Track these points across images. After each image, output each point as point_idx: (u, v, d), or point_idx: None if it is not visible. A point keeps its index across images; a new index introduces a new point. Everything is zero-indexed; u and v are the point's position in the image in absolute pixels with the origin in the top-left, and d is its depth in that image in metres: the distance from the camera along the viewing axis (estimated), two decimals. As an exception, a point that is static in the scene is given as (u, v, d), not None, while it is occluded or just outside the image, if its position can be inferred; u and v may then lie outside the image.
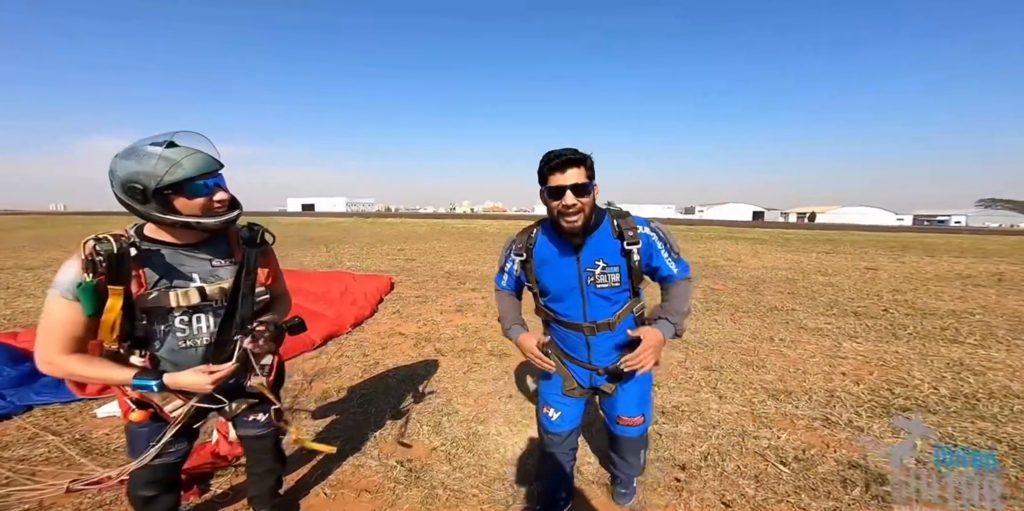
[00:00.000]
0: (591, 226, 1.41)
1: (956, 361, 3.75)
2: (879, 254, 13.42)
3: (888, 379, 3.34)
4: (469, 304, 5.70)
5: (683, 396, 3.02)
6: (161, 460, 1.33)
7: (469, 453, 2.33)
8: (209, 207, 1.17)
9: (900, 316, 5.36)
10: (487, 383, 3.26)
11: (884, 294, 6.80)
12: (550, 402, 1.68)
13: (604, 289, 1.45)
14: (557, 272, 1.48)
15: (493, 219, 41.52)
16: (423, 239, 15.99)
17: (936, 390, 3.12)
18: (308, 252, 11.42)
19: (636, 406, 1.63)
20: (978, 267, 10.47)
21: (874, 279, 8.37)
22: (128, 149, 1.10)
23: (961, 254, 13.91)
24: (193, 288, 1.21)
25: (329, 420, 2.69)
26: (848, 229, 34.45)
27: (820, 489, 2.01)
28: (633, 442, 1.71)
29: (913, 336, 4.51)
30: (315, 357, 3.71)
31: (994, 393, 3.07)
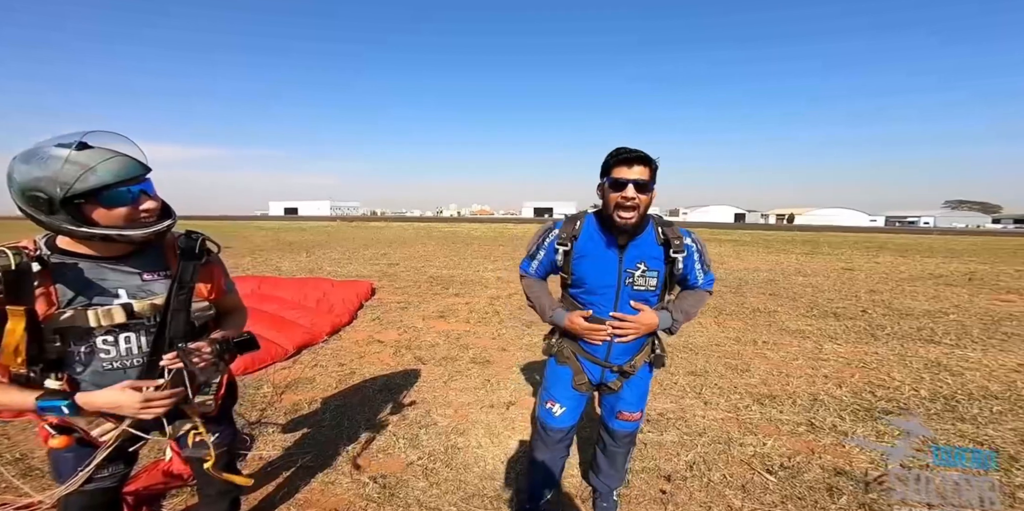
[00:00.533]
0: (638, 228, 1.44)
1: (934, 361, 3.80)
2: (855, 255, 13.77)
3: (870, 381, 3.36)
4: (452, 310, 5.58)
5: (668, 402, 2.96)
6: (95, 485, 1.19)
7: (447, 467, 2.23)
8: (134, 217, 1.03)
9: (878, 317, 5.45)
10: (468, 392, 3.15)
11: (861, 294, 6.93)
12: (556, 397, 1.69)
13: (640, 291, 1.49)
14: (597, 267, 1.49)
15: (480, 222, 41.39)
16: (408, 243, 15.78)
17: (916, 392, 3.14)
18: (287, 257, 11.12)
19: (637, 403, 1.70)
20: (949, 267, 10.82)
21: (851, 280, 8.55)
22: (29, 151, 0.95)
23: (932, 254, 14.38)
24: (117, 306, 1.07)
25: (299, 434, 2.55)
26: (825, 230, 35.43)
27: (807, 498, 1.97)
28: (626, 436, 1.77)
29: (891, 337, 4.58)
30: (287, 367, 3.55)
31: (973, 394, 3.10)
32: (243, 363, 3.34)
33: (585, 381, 1.65)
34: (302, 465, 2.23)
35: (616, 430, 1.75)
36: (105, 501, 1.29)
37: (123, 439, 1.19)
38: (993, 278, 8.93)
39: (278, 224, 34.22)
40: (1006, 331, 4.80)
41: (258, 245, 14.69)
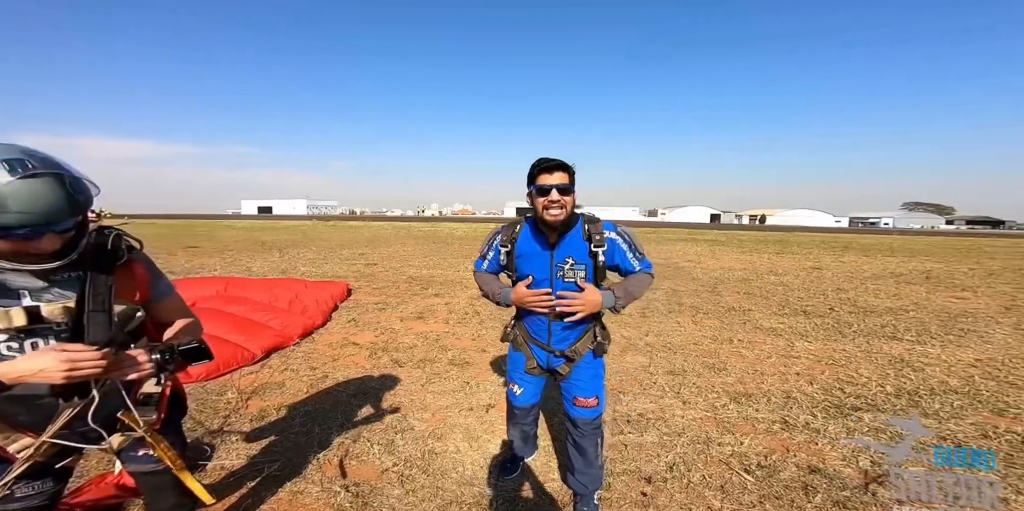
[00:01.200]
0: (567, 227, 1.63)
1: (897, 358, 3.95)
2: (822, 254, 14.32)
3: (839, 378, 3.45)
4: (431, 310, 5.47)
5: (648, 402, 2.97)
6: (21, 504, 1.08)
7: (424, 474, 2.16)
8: (23, 252, 0.94)
9: (844, 314, 5.65)
10: (446, 395, 3.08)
11: (829, 293, 7.18)
12: (515, 379, 1.95)
13: (570, 283, 1.66)
14: (534, 264, 1.70)
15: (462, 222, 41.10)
16: (387, 243, 15.49)
17: (883, 388, 3.25)
18: (259, 257, 10.73)
19: (590, 387, 1.82)
20: (908, 266, 11.37)
21: (819, 278, 8.86)
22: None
23: (892, 253, 15.10)
24: (18, 308, 0.97)
25: (266, 441, 2.43)
26: (794, 230, 36.81)
27: (784, 497, 1.99)
28: (588, 425, 1.84)
29: (858, 334, 4.74)
30: (255, 372, 3.39)
31: (934, 389, 3.23)
32: (205, 369, 3.17)
33: (535, 366, 1.87)
34: (269, 474, 2.12)
35: (576, 418, 1.86)
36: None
37: (50, 454, 1.08)
38: (948, 276, 9.43)
39: (250, 223, 33.09)
40: (962, 327, 5.05)
41: (228, 245, 14.13)
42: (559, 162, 1.57)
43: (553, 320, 1.74)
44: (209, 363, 1.22)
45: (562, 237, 1.66)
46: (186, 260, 10.03)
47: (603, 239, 1.62)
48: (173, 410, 1.34)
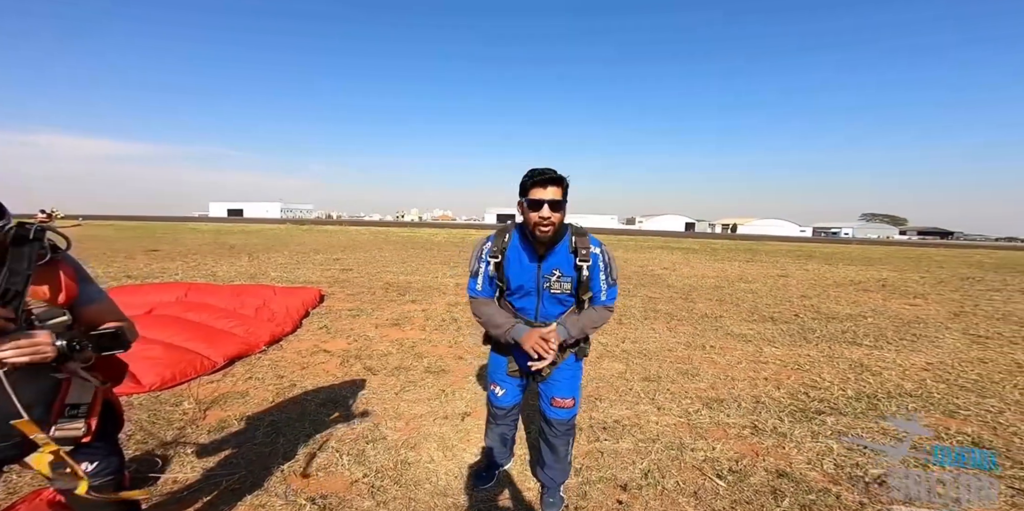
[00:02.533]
0: (555, 240, 1.65)
1: (857, 362, 4.13)
2: (788, 262, 14.94)
3: (804, 382, 3.58)
4: (408, 317, 5.37)
5: (624, 409, 2.99)
6: None
7: (396, 485, 2.10)
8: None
9: (808, 320, 5.88)
10: (421, 403, 3.01)
11: (795, 300, 7.48)
12: (496, 381, 1.98)
13: (557, 294, 1.70)
14: (521, 274, 1.71)
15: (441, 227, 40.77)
16: (363, 248, 15.17)
17: (844, 392, 3.39)
18: (225, 262, 10.30)
19: (567, 389, 1.88)
20: (866, 274, 11.99)
21: (786, 286, 9.22)
22: None
23: (851, 262, 15.90)
24: None
25: (225, 454, 2.30)
26: (763, 239, 38.28)
27: (754, 502, 2.03)
28: (562, 426, 1.91)
29: (821, 339, 4.94)
30: (216, 381, 3.23)
31: (891, 393, 3.39)
32: (159, 378, 3.00)
33: (516, 369, 1.89)
34: (227, 487, 2.02)
35: (552, 418, 1.91)
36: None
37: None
38: (902, 284, 10.00)
39: (217, 226, 31.77)
40: (915, 333, 5.34)
41: (192, 248, 13.50)
42: (554, 175, 1.54)
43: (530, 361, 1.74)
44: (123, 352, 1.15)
45: (550, 249, 1.67)
46: (145, 264, 9.52)
47: (588, 254, 1.64)
48: (106, 423, 1.24)
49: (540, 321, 1.75)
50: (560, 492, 2.01)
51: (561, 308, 1.75)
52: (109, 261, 9.84)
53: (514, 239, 1.72)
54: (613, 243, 23.99)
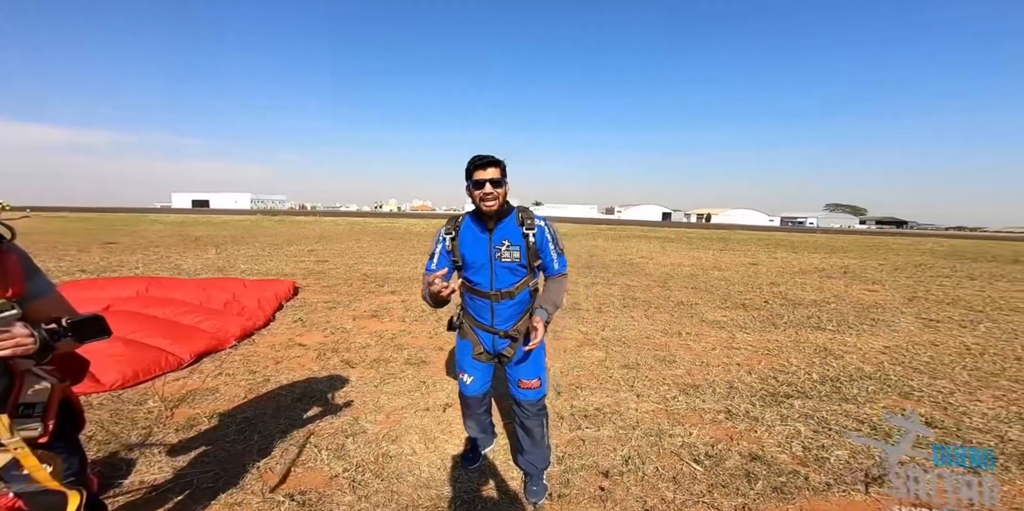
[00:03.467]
0: (502, 215, 1.84)
1: (821, 347, 4.33)
2: (758, 251, 15.48)
3: (773, 367, 3.73)
4: (386, 308, 5.28)
5: (604, 397, 3.04)
6: None
7: (377, 478, 2.08)
8: None
9: (777, 307, 6.13)
10: (402, 396, 2.98)
11: (764, 287, 7.77)
12: (464, 368, 2.06)
13: (508, 262, 1.83)
14: (474, 248, 1.86)
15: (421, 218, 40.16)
16: (340, 239, 14.78)
17: (809, 375, 3.55)
18: (190, 254, 9.83)
19: (532, 370, 1.96)
20: (829, 261, 12.57)
21: (756, 273, 9.56)
22: None
23: (816, 250, 16.63)
24: None
25: (196, 452, 2.22)
26: (735, 229, 39.50)
27: (729, 485, 2.10)
28: (532, 407, 1.99)
29: (788, 325, 5.16)
30: (183, 378, 3.09)
31: (852, 376, 3.58)
32: (121, 376, 2.84)
33: (483, 351, 1.99)
34: (200, 486, 1.96)
35: (521, 400, 1.99)
36: None
37: None
38: (862, 271, 10.54)
39: (181, 217, 30.23)
40: (873, 317, 5.64)
41: (153, 241, 12.81)
42: (491, 159, 1.75)
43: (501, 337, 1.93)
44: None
45: (498, 223, 1.85)
46: (101, 257, 8.96)
47: (534, 223, 1.84)
48: (65, 423, 1.16)
49: (495, 290, 1.86)
50: (543, 480, 2.05)
51: (514, 277, 1.87)
52: (60, 254, 9.21)
53: (467, 220, 1.93)
54: (593, 232, 24.27)
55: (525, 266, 1.86)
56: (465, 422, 2.26)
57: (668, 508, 1.94)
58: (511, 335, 1.91)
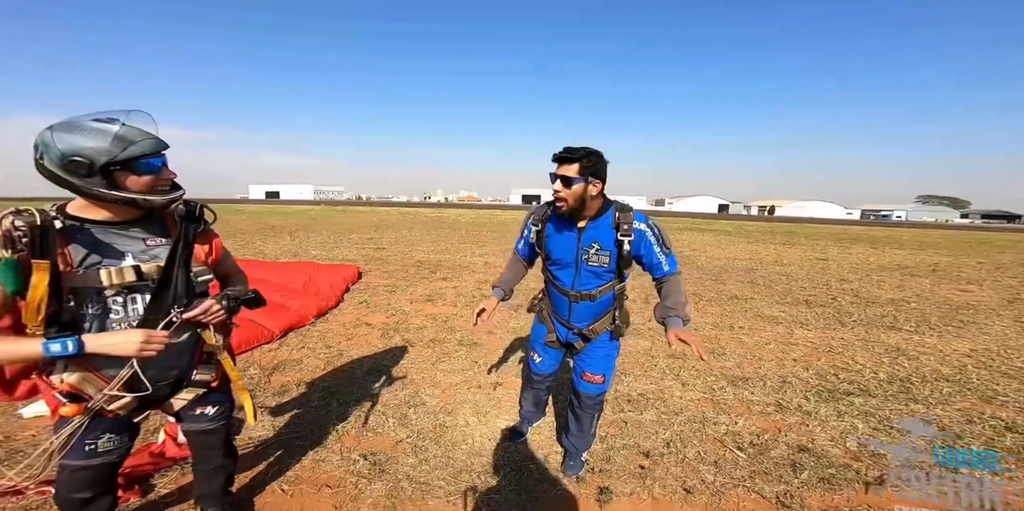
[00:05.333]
0: (596, 214, 1.70)
1: (894, 347, 4.04)
2: (830, 246, 14.26)
3: (834, 364, 3.56)
4: (440, 293, 5.61)
5: (648, 384, 3.10)
6: (100, 459, 1.24)
7: (436, 444, 2.31)
8: (155, 185, 1.14)
9: (846, 304, 5.72)
10: (455, 373, 3.22)
11: (832, 283, 7.23)
12: (535, 348, 2.12)
13: (594, 266, 1.74)
14: (560, 245, 1.78)
15: (468, 208, 41.08)
16: (394, 228, 15.60)
17: (876, 375, 3.36)
18: (270, 241, 10.89)
19: (599, 365, 1.94)
20: (915, 258, 11.33)
21: (824, 269, 8.88)
22: (68, 123, 1.04)
23: (901, 246, 14.99)
24: (128, 266, 1.13)
25: (288, 415, 2.58)
26: (803, 222, 36.44)
27: (772, 473, 2.12)
28: (590, 400, 2.00)
29: (857, 323, 4.83)
30: (274, 349, 3.55)
31: (926, 377, 3.33)
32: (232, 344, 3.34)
33: (554, 339, 2.01)
34: (292, 444, 2.26)
35: (581, 391, 2.00)
36: (109, 475, 1.33)
37: (131, 408, 1.24)
38: (955, 270, 9.41)
39: (259, 208, 33.21)
40: (962, 319, 5.11)
41: (239, 228, 14.29)
42: (564, 154, 1.61)
43: None
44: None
45: (590, 223, 1.71)
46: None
47: (631, 229, 1.66)
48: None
49: (576, 291, 1.81)
50: (582, 458, 2.15)
51: (598, 281, 1.79)
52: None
53: (555, 212, 1.79)
54: (643, 224, 23.40)
55: (613, 272, 1.76)
56: (522, 394, 2.35)
57: (707, 489, 2.00)
58: (584, 334, 1.89)
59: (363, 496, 1.89)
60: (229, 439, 1.60)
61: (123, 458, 1.33)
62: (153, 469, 1.97)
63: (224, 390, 1.51)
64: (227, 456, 1.59)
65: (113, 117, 1.07)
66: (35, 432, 2.26)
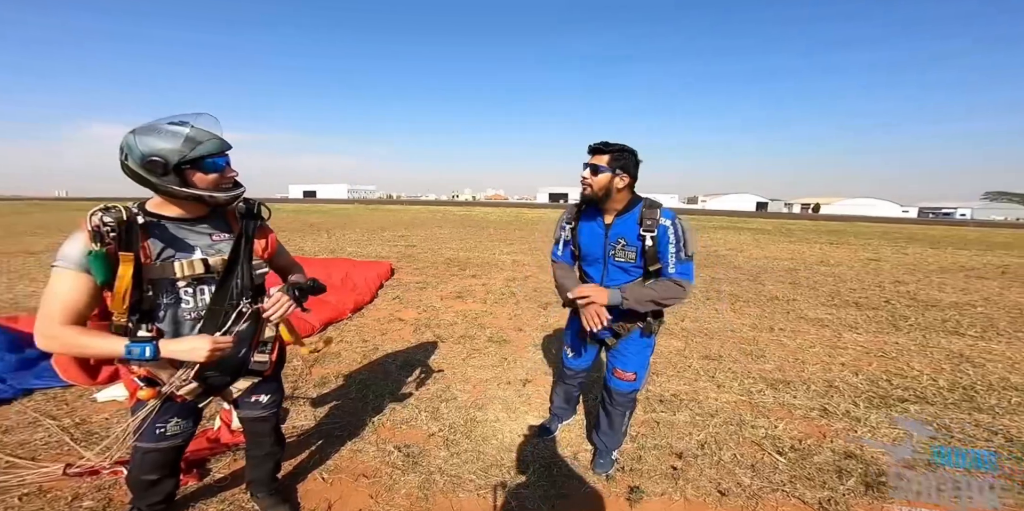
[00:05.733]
0: (624, 209, 1.74)
1: (956, 353, 3.74)
2: (883, 245, 13.35)
3: (887, 370, 3.34)
4: (469, 290, 5.69)
5: (681, 384, 3.02)
6: (168, 443, 1.35)
7: (467, 439, 2.34)
8: (220, 183, 1.22)
9: (901, 307, 5.34)
10: (485, 369, 3.26)
11: (886, 285, 6.77)
12: (570, 343, 2.16)
13: (621, 262, 1.76)
14: (590, 241, 1.82)
15: (495, 207, 41.39)
16: (424, 226, 15.95)
17: (935, 381, 3.12)
18: (309, 238, 11.41)
19: (631, 362, 1.93)
20: (982, 259, 10.41)
21: (877, 270, 8.33)
22: (148, 127, 1.14)
23: (965, 246, 13.82)
24: (197, 259, 1.24)
25: (328, 406, 2.69)
26: (853, 220, 34.24)
27: (816, 479, 2.02)
28: (621, 397, 1.99)
29: (914, 327, 4.50)
30: (314, 342, 3.71)
31: (992, 385, 3.07)
32: (274, 336, 3.53)
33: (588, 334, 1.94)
34: (332, 434, 2.35)
35: (612, 388, 2.00)
36: (174, 459, 1.44)
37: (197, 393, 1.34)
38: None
39: (298, 206, 34.84)
40: (1036, 325, 4.66)
41: (281, 226, 15.05)
42: (597, 145, 1.69)
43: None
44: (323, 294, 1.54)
45: (618, 218, 1.75)
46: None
47: (655, 224, 1.66)
48: (278, 359, 1.57)
49: (605, 287, 1.79)
50: (612, 456, 2.13)
51: (626, 277, 1.79)
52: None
53: (587, 210, 1.85)
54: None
55: (641, 267, 1.74)
56: (554, 389, 2.37)
57: (744, 492, 1.93)
58: (615, 330, 1.90)
59: (397, 487, 1.94)
60: (279, 427, 1.69)
61: (187, 442, 1.43)
62: (209, 454, 2.09)
63: (276, 379, 1.60)
64: (276, 444, 1.69)
65: (184, 120, 1.16)
66: (108, 415, 2.45)
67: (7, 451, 2.08)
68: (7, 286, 5.33)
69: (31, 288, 5.21)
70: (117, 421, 2.37)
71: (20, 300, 4.71)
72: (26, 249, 8.47)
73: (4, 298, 4.79)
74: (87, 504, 1.75)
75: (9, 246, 8.94)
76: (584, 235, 1.85)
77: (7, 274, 6.04)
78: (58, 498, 1.77)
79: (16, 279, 5.73)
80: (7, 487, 1.80)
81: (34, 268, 6.49)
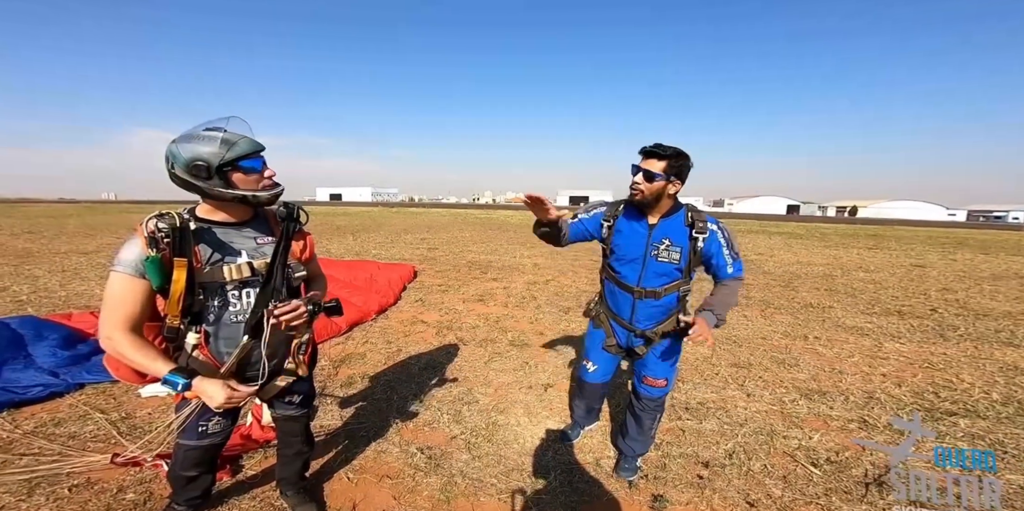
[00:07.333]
0: (668, 212, 1.73)
1: (1011, 365, 3.48)
2: (928, 251, 12.61)
3: (934, 382, 3.14)
4: (491, 294, 5.71)
5: (709, 392, 2.93)
6: (209, 440, 1.40)
7: (488, 442, 2.34)
8: (260, 182, 1.26)
9: (949, 316, 5.02)
10: (507, 373, 3.25)
11: (932, 293, 6.38)
12: (590, 356, 2.06)
13: (664, 263, 1.73)
14: (629, 240, 1.78)
15: (515, 210, 41.49)
16: (446, 229, 16.14)
17: (987, 394, 2.91)
18: (335, 240, 11.73)
19: (662, 369, 1.89)
20: (1040, 265, 9.68)
21: (922, 277, 7.87)
22: (187, 134, 1.19)
23: (1020, 252, 12.89)
24: (244, 262, 1.28)
25: (354, 406, 2.74)
26: (894, 224, 32.50)
27: (853, 493, 1.91)
28: (651, 402, 1.97)
29: (963, 338, 4.22)
30: (341, 343, 3.80)
31: (1054, 400, 2.83)
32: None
33: (614, 344, 1.95)
34: (357, 435, 2.39)
35: (642, 393, 1.97)
36: (213, 456, 1.50)
37: None
38: (1095, 279, 7.92)
39: (325, 209, 35.90)
40: (1103, 337, 4.28)
41: (310, 229, 15.50)
42: (654, 149, 1.63)
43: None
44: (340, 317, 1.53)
45: (662, 219, 1.73)
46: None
47: (706, 227, 1.68)
48: (312, 361, 1.61)
49: (641, 287, 1.78)
50: (636, 462, 2.09)
51: (665, 279, 1.76)
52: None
53: (627, 209, 1.82)
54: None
55: (681, 270, 1.74)
56: (574, 402, 2.31)
57: (774, 504, 1.85)
58: (647, 336, 1.84)
59: (419, 488, 1.96)
60: (309, 427, 1.73)
61: (226, 440, 1.48)
62: (242, 450, 2.15)
63: (308, 379, 1.64)
64: (306, 443, 1.73)
65: (218, 125, 1.21)
66: (151, 410, 2.57)
67: (59, 443, 2.20)
68: (61, 284, 5.68)
69: (83, 287, 5.54)
70: (159, 416, 2.49)
71: (72, 298, 5.00)
72: (78, 249, 9.01)
73: (58, 296, 5.09)
74: (130, 497, 1.82)
75: (61, 246, 9.51)
76: (624, 234, 1.80)
77: (61, 273, 6.42)
78: (104, 490, 1.86)
79: (70, 278, 6.10)
80: (58, 477, 1.91)
81: (86, 267, 6.89)
